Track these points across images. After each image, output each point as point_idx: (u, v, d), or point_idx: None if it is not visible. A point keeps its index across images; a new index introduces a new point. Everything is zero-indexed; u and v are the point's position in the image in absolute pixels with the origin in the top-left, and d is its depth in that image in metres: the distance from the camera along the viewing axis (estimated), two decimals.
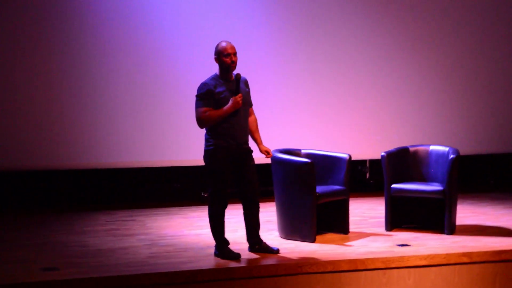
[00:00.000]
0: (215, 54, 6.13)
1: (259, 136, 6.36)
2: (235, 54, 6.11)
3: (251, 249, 6.41)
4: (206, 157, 6.17)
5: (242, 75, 6.20)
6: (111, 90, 8.48)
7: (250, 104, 6.29)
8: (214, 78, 6.17)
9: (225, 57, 6.07)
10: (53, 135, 8.38)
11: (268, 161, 6.93)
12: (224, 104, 6.08)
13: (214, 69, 6.20)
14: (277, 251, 6.39)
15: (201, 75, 6.46)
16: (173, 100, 8.66)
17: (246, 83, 6.29)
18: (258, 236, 6.40)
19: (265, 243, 6.40)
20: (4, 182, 8.56)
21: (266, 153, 6.28)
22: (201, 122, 6.10)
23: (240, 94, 6.07)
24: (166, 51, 8.60)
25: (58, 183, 8.74)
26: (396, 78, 9.32)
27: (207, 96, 6.07)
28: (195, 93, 6.14)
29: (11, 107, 8.27)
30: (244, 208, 6.34)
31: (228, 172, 6.15)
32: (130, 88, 8.53)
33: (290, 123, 9.03)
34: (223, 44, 6.10)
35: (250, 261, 6.17)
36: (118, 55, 8.46)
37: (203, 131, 6.25)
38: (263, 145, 6.32)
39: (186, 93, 8.26)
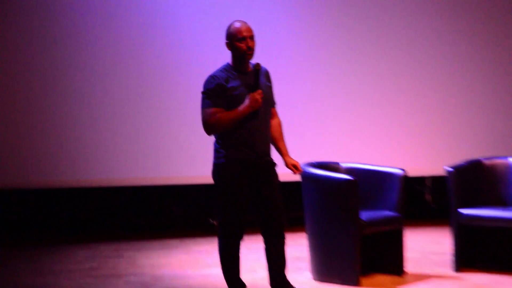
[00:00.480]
0: (226, 38, 6.09)
1: (284, 145, 6.30)
2: (252, 37, 6.04)
3: None
4: (215, 172, 6.11)
5: (262, 65, 6.14)
6: (99, 99, 8.77)
7: (272, 103, 6.26)
8: (226, 69, 6.11)
9: (239, 42, 6.02)
10: (18, 149, 8.59)
11: (297, 178, 6.87)
12: (239, 103, 6.01)
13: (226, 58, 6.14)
14: None
15: (206, 70, 6.42)
16: (171, 101, 8.82)
17: (267, 75, 6.23)
18: (284, 278, 6.30)
19: (293, 287, 6.33)
20: None
21: (294, 167, 6.20)
22: (209, 127, 6.04)
23: (260, 90, 6.00)
24: (169, 54, 8.90)
25: (23, 207, 8.82)
26: (466, 72, 9.45)
27: (216, 93, 6.01)
28: (201, 89, 6.07)
29: None
30: (265, 241, 6.25)
31: (244, 193, 6.08)
32: (123, 95, 8.79)
33: (325, 129, 9.11)
34: (237, 25, 6.05)
35: None
36: (114, 60, 8.81)
37: (211, 139, 6.18)
38: (290, 157, 6.25)
39: (189, 92, 8.41)
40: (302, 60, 9.12)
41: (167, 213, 9.12)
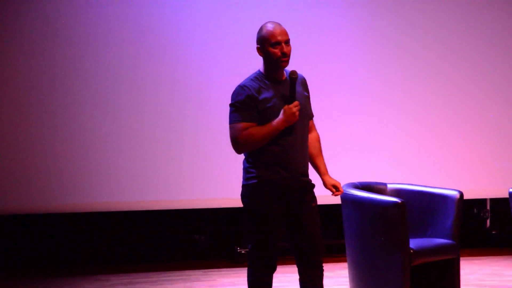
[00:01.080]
0: (257, 43, 6.03)
1: (324, 163, 6.28)
2: (287, 42, 6.01)
3: None
4: (245, 194, 6.10)
5: (299, 72, 6.13)
6: (104, 116, 8.91)
7: (310, 116, 6.23)
8: (257, 78, 6.08)
9: (272, 47, 5.99)
10: (16, 172, 8.70)
11: (336, 200, 6.94)
12: (273, 116, 5.99)
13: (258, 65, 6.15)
14: None
15: (234, 79, 6.54)
16: (194, 113, 8.92)
17: (304, 84, 6.21)
18: None
19: None
20: None
21: (334, 188, 6.19)
22: (238, 144, 6.02)
23: (296, 102, 5.99)
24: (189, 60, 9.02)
25: (22, 234, 8.87)
26: None
27: (247, 106, 5.99)
28: (229, 101, 6.05)
29: None
30: (300, 273, 6.22)
31: (278, 218, 6.08)
32: (131, 103, 8.95)
33: (369, 146, 9.13)
34: (269, 26, 6.02)
35: None
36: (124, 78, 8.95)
37: (240, 158, 6.20)
38: (329, 176, 6.23)
39: (214, 105, 8.60)
40: (349, 70, 9.19)
41: (189, 241, 9.16)
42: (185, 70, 8.98)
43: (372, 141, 9.20)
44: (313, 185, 6.19)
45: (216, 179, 8.79)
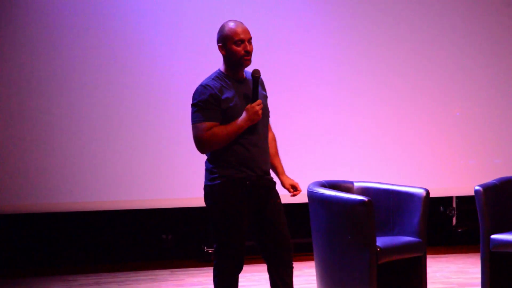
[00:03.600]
0: (218, 41, 5.99)
1: (280, 163, 6.28)
2: (250, 40, 5.98)
3: None
4: (209, 195, 6.06)
5: (271, 70, 6.20)
6: (79, 120, 8.92)
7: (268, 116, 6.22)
8: (218, 77, 6.03)
9: (235, 45, 5.95)
10: None
11: (301, 199, 6.91)
12: (236, 115, 5.96)
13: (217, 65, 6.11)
14: None
15: (195, 78, 6.51)
16: (160, 114, 8.94)
17: (262, 84, 6.19)
18: None
19: None
20: None
21: (293, 188, 6.20)
22: (202, 144, 5.97)
23: (259, 101, 5.96)
24: (151, 64, 9.04)
25: None
26: (498, 77, 9.53)
27: (210, 105, 5.94)
28: (190, 101, 6.01)
29: None
30: (269, 271, 6.21)
31: (244, 216, 6.04)
32: (105, 114, 8.94)
33: (337, 145, 9.16)
34: (232, 25, 5.97)
35: None
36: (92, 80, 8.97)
37: (203, 157, 6.16)
38: (287, 177, 6.23)
39: (178, 103, 8.62)
40: (311, 67, 9.18)
41: (156, 241, 9.18)
42: (144, 70, 9.03)
43: (340, 140, 9.22)
44: (275, 183, 6.18)
45: (182, 179, 8.83)
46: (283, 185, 6.18)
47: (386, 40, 9.42)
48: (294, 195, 6.20)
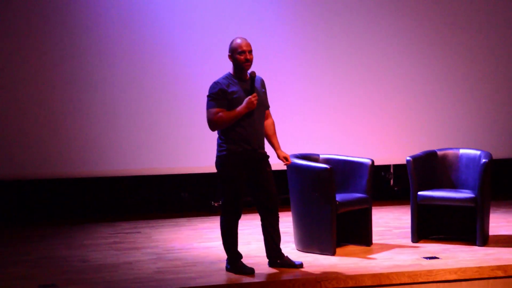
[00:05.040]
0: (229, 52, 6.17)
1: (277, 141, 6.37)
2: (250, 51, 6.13)
3: (272, 264, 6.41)
4: (218, 163, 6.18)
5: (258, 74, 6.23)
6: (115, 94, 8.57)
7: (266, 106, 6.31)
8: (227, 77, 6.18)
9: (239, 55, 6.10)
10: (48, 141, 8.44)
11: (281, 167, 6.89)
12: (238, 105, 6.08)
13: (228, 68, 6.22)
14: (300, 265, 6.39)
15: (213, 75, 6.47)
16: (182, 103, 8.70)
17: (262, 83, 6.31)
18: (279, 249, 6.40)
19: (287, 257, 6.41)
20: None
21: (285, 159, 6.29)
22: (212, 124, 6.11)
23: (254, 94, 6.08)
24: (175, 51, 8.67)
25: (56, 194, 8.77)
26: (423, 77, 9.35)
27: (219, 96, 6.09)
28: (206, 93, 6.16)
29: (8, 115, 8.38)
30: (262, 219, 6.34)
31: (242, 180, 6.16)
32: (135, 92, 8.61)
33: (307, 126, 9.06)
34: (238, 41, 6.13)
35: (265, 276, 6.18)
36: (123, 55, 8.55)
37: (215, 135, 6.26)
38: (281, 151, 6.33)
39: (196, 95, 8.35)
40: (286, 62, 8.97)
41: (177, 198, 9.06)
42: (177, 68, 8.70)
43: (309, 122, 9.09)
44: (268, 156, 6.28)
45: (197, 151, 8.67)
46: (278, 157, 6.30)
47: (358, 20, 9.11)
48: (286, 165, 6.36)
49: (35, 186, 8.69)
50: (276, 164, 6.54)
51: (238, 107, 6.07)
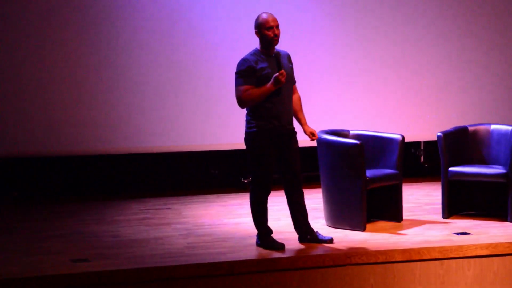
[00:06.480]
0: (255, 28, 6.12)
1: (304, 116, 6.36)
2: (277, 26, 6.08)
3: (302, 239, 6.43)
4: (247, 140, 6.18)
5: (286, 49, 6.19)
6: (145, 72, 8.60)
7: (293, 82, 6.28)
8: (255, 53, 6.14)
9: (267, 30, 6.05)
10: (81, 118, 8.51)
11: (314, 143, 6.94)
12: (267, 81, 6.05)
13: (255, 44, 6.19)
14: (330, 240, 6.40)
15: (241, 51, 6.44)
16: (210, 80, 8.71)
17: (289, 58, 6.27)
18: (308, 225, 6.41)
19: (317, 232, 6.42)
20: (31, 169, 8.70)
21: (311, 134, 6.27)
22: (241, 102, 6.10)
23: (282, 71, 6.04)
24: (200, 25, 8.68)
25: (88, 170, 8.85)
26: (452, 52, 9.30)
27: (248, 73, 6.06)
28: (234, 70, 6.14)
29: (37, 91, 8.43)
30: (287, 195, 6.36)
31: (272, 156, 6.17)
32: (164, 70, 8.62)
33: (337, 102, 9.03)
34: (264, 16, 6.09)
35: (295, 251, 6.20)
36: (152, 35, 8.59)
37: (243, 112, 6.26)
38: (308, 126, 6.32)
39: (224, 72, 8.35)
40: (314, 37, 8.93)
41: (207, 174, 9.10)
42: (205, 46, 8.70)
43: (340, 98, 9.06)
44: (296, 132, 6.28)
45: (226, 128, 8.70)
46: (305, 132, 6.28)
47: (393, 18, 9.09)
48: (313, 140, 6.33)
49: (68, 162, 8.76)
50: (303, 140, 6.52)
51: (267, 83, 6.05)
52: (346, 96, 9.08)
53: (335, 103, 9.03)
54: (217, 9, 8.68)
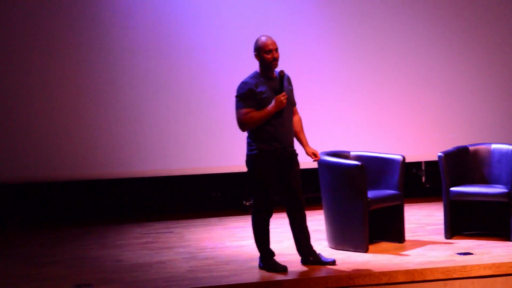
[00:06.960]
0: (254, 51, 6.13)
1: (305, 137, 6.36)
2: (276, 49, 6.09)
3: (304, 261, 6.41)
4: (249, 162, 6.18)
5: (285, 71, 6.19)
6: (145, 96, 8.63)
7: (294, 103, 6.29)
8: (255, 76, 6.15)
9: (266, 54, 6.06)
10: (81, 143, 8.54)
11: (315, 165, 6.93)
12: (267, 104, 6.06)
13: (255, 66, 6.21)
14: (333, 262, 6.38)
15: (241, 74, 6.45)
16: (211, 103, 8.73)
17: (289, 80, 6.28)
18: (310, 246, 6.39)
19: (319, 254, 6.41)
20: (32, 194, 8.71)
21: (313, 155, 6.28)
22: (242, 125, 6.10)
23: (284, 93, 6.06)
24: (201, 50, 8.72)
25: (90, 194, 8.85)
26: (453, 73, 9.32)
27: (248, 96, 6.07)
28: (235, 93, 6.14)
29: (39, 117, 8.47)
30: (289, 217, 6.35)
31: (273, 178, 6.16)
32: (164, 95, 8.66)
33: (337, 123, 9.05)
34: (263, 39, 6.10)
35: (297, 273, 6.18)
36: (150, 57, 8.62)
37: (244, 134, 6.26)
38: (310, 147, 6.32)
39: (225, 95, 8.35)
40: (313, 59, 8.96)
41: (209, 197, 9.10)
42: (205, 68, 8.74)
43: (340, 120, 9.10)
44: (297, 154, 6.27)
45: (228, 151, 8.71)
46: (307, 153, 6.27)
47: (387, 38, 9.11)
48: (315, 160, 6.33)
49: (69, 187, 8.76)
50: (304, 162, 6.52)
51: (268, 106, 6.05)
52: (346, 117, 9.09)
53: (335, 124, 9.04)
54: (217, 35, 8.72)
